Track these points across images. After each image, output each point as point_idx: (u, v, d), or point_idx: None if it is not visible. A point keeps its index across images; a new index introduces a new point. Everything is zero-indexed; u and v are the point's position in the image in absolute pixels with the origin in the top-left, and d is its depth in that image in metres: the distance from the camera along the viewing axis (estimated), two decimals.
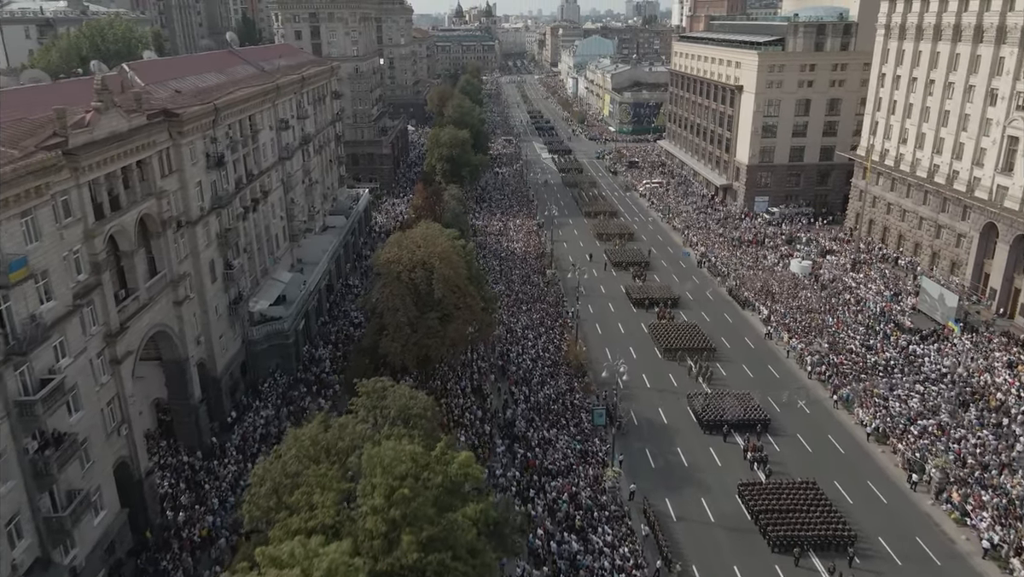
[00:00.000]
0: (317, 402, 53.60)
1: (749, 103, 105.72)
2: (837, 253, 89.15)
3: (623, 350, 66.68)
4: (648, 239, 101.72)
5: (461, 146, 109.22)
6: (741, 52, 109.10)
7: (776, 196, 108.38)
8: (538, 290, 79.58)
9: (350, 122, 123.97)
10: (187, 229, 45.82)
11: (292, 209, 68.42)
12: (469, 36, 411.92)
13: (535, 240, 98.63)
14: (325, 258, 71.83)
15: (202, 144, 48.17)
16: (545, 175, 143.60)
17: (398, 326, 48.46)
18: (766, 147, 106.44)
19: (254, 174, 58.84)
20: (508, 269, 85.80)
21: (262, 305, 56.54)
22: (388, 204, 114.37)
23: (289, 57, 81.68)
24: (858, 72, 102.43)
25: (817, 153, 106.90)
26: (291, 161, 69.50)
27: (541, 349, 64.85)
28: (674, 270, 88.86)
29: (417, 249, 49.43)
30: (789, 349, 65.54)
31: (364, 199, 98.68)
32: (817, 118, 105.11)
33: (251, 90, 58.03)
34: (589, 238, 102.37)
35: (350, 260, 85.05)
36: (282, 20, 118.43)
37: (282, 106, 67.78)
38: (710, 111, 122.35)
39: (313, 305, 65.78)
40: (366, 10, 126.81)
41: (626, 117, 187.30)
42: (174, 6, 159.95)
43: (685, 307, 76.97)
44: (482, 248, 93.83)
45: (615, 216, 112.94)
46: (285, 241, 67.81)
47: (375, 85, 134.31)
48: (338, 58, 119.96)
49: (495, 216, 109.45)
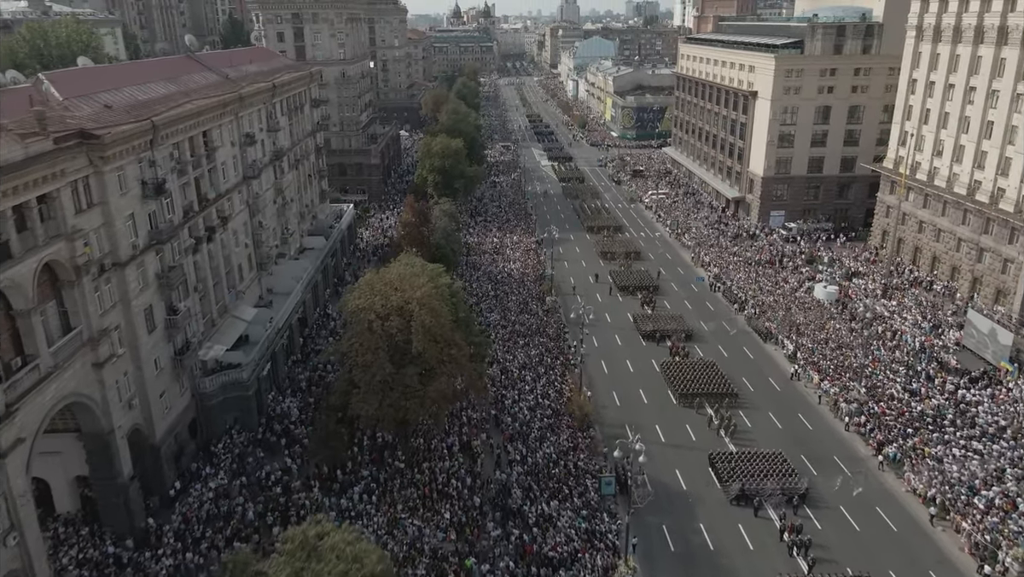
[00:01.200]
0: (283, 462, 46.05)
1: (764, 110, 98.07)
2: (864, 276, 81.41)
3: (633, 394, 59.04)
4: (656, 258, 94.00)
5: (454, 156, 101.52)
6: (755, 55, 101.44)
7: (793, 210, 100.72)
8: (537, 320, 71.86)
9: (336, 130, 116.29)
10: (114, 273, 38.11)
11: (260, 234, 60.71)
12: (467, 37, 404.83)
13: (534, 259, 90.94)
14: (299, 287, 64.12)
15: (136, 169, 40.45)
16: (544, 185, 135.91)
17: (370, 385, 40.78)
18: (782, 158, 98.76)
19: (209, 198, 51.12)
20: (504, 295, 78.07)
21: (217, 351, 48.82)
22: (377, 218, 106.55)
23: (262, 61, 73.99)
24: (882, 77, 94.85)
25: (837, 164, 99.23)
26: (259, 180, 61.81)
27: (540, 395, 57.11)
28: (686, 295, 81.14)
29: (393, 293, 41.68)
30: (820, 393, 57.81)
31: (348, 215, 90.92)
32: (838, 126, 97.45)
33: (206, 102, 50.32)
34: (592, 257, 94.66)
35: (330, 285, 77.27)
36: (263, 21, 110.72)
37: (248, 118, 60.08)
38: (720, 118, 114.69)
39: (282, 344, 58.07)
40: (354, 10, 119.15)
41: (629, 122, 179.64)
42: (154, 6, 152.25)
43: (700, 340, 69.23)
44: (475, 269, 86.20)
45: (620, 231, 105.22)
46: (251, 271, 60.10)
47: (364, 90, 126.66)
48: (323, 62, 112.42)
49: (490, 232, 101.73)
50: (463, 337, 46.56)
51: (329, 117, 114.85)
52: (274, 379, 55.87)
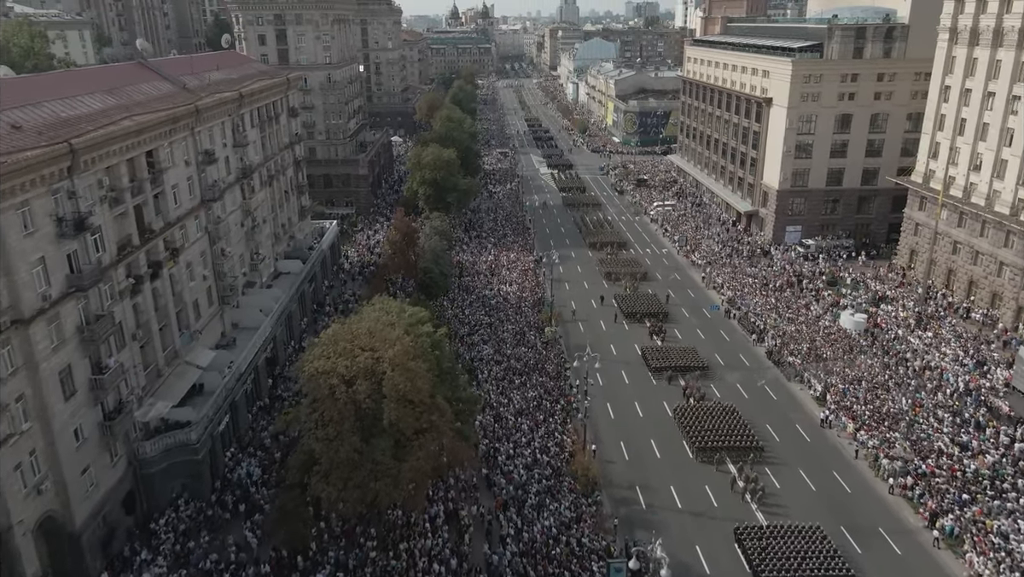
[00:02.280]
0: (240, 536, 39.10)
1: (780, 118, 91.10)
2: (893, 301, 74.43)
3: (643, 445, 52.05)
4: (663, 278, 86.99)
5: (446, 168, 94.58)
6: (770, 59, 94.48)
7: (810, 226, 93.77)
8: (535, 354, 64.85)
9: (322, 138, 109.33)
10: (15, 333, 31.12)
11: (222, 264, 53.69)
12: (465, 38, 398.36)
13: (532, 280, 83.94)
14: (268, 321, 57.14)
15: (48, 203, 33.49)
16: (544, 195, 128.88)
17: (333, 461, 33.78)
18: (799, 169, 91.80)
19: (154, 229, 44.11)
20: (498, 324, 71.06)
21: (160, 409, 41.81)
22: (364, 235, 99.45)
23: (231, 68, 67.03)
24: (907, 83, 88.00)
25: (858, 176, 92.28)
26: (221, 202, 54.83)
27: (538, 448, 50.09)
28: (698, 322, 74.13)
29: (360, 352, 34.63)
30: (857, 446, 50.77)
31: (331, 233, 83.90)
32: (859, 136, 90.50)
33: (150, 117, 43.35)
34: (595, 277, 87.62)
35: (307, 314, 70.23)
36: (243, 22, 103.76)
37: (208, 133, 53.09)
38: (731, 126, 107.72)
39: (245, 391, 51.07)
40: (341, 11, 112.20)
41: (631, 127, 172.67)
42: (135, 7, 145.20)
43: (717, 377, 62.21)
44: (468, 293, 79.21)
45: (624, 247, 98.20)
46: (211, 305, 53.10)
47: (353, 95, 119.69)
48: (308, 66, 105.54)
49: (486, 249, 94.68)
50: (448, 393, 39.61)
51: (314, 125, 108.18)
52: (234, 433, 48.86)
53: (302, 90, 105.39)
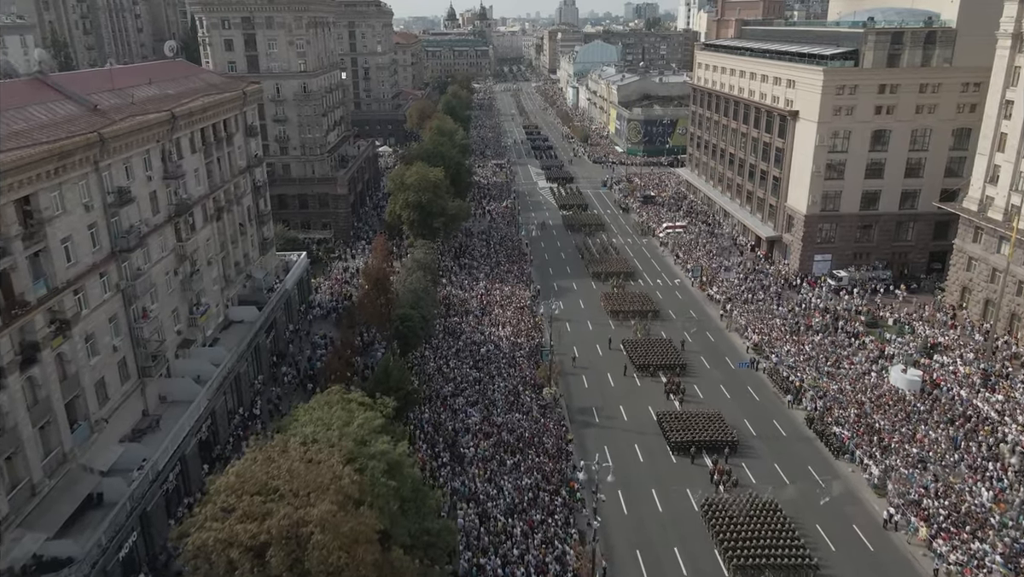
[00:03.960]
0: None
1: (808, 134, 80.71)
2: (948, 351, 64.04)
3: (666, 557, 41.56)
4: (678, 316, 76.53)
5: (433, 190, 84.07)
6: (796, 67, 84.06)
7: (842, 255, 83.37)
8: (531, 423, 54.34)
9: (297, 154, 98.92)
10: None
11: (142, 328, 43.18)
12: (461, 41, 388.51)
13: (528, 320, 73.45)
14: (205, 392, 46.68)
15: None
16: (542, 213, 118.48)
17: None
18: (830, 192, 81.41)
19: (28, 302, 33.60)
20: (488, 380, 60.60)
21: (27, 547, 31.29)
22: (340, 264, 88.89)
23: (171, 81, 56.56)
24: (954, 94, 77.75)
25: (896, 199, 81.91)
26: (143, 250, 44.42)
27: (534, 568, 39.58)
28: (721, 375, 63.71)
29: (276, 505, 24.15)
30: (937, 563, 40.26)
31: (299, 267, 73.50)
32: (898, 154, 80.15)
33: (21, 154, 32.86)
34: (600, 314, 77.15)
35: (263, 371, 59.75)
36: (207, 26, 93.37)
37: (122, 167, 42.66)
38: (749, 140, 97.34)
39: (165, 492, 40.61)
40: (318, 13, 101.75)
41: (636, 136, 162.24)
42: (101, 8, 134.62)
43: (749, 455, 51.73)
44: (455, 337, 68.81)
45: (632, 278, 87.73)
46: (127, 381, 42.64)
47: (333, 105, 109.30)
48: (280, 74, 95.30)
49: (478, 281, 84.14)
50: (412, 526, 29.18)
51: (288, 139, 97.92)
52: (147, 552, 38.36)
53: (274, 101, 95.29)
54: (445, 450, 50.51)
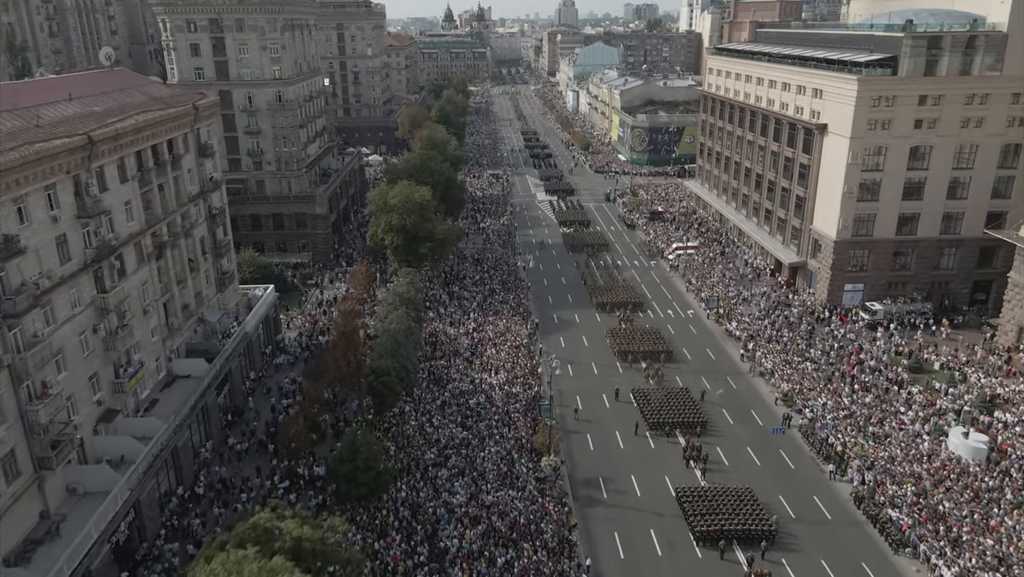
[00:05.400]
0: None
1: (838, 150, 72.09)
2: (1009, 405, 55.36)
3: None
4: (693, 357, 67.86)
5: (419, 212, 75.32)
6: (825, 76, 75.32)
7: (875, 284, 74.74)
8: (526, 505, 45.50)
9: (272, 169, 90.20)
10: None
11: (36, 412, 34.36)
12: (458, 43, 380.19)
13: (525, 362, 64.74)
14: (123, 481, 37.92)
15: None
16: (541, 230, 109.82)
17: None
18: (863, 214, 72.79)
19: None
20: (477, 445, 51.82)
21: None
22: (317, 293, 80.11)
23: (100, 96, 47.79)
24: (1003, 106, 69.25)
25: (937, 223, 73.31)
26: (43, 310, 35.72)
27: None
28: (748, 435, 54.99)
29: None
30: None
31: (265, 303, 64.78)
32: (940, 173, 71.54)
33: None
34: (606, 354, 68.41)
35: (212, 435, 50.94)
36: (171, 29, 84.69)
37: (8, 209, 33.91)
38: (768, 154, 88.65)
39: None
40: (296, 15, 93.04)
41: (640, 145, 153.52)
42: (69, 9, 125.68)
43: (789, 546, 43.01)
44: (440, 386, 60.18)
45: (640, 308, 78.95)
46: (15, 480, 33.89)
47: (315, 114, 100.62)
48: (253, 82, 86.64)
49: (469, 314, 75.38)
50: None
51: (262, 153, 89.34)
52: None
53: (246, 111, 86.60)
54: (424, 542, 41.85)
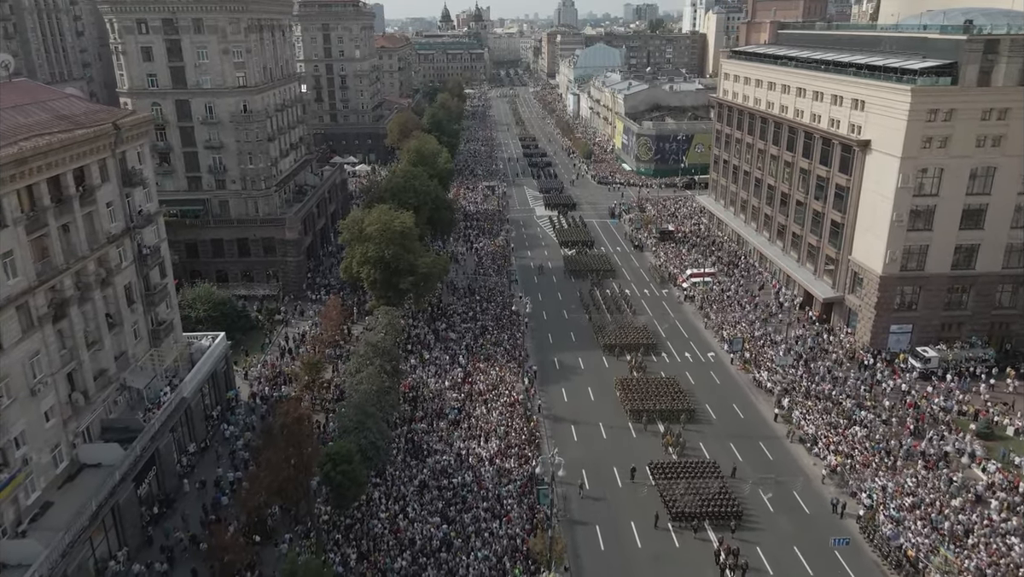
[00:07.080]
0: None
1: (885, 171, 62.08)
2: None
3: None
4: (719, 416, 57.71)
5: (400, 241, 65.24)
6: (869, 84, 65.20)
7: (926, 325, 64.72)
8: None
9: (236, 188, 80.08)
10: None
11: None
12: (455, 44, 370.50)
13: (520, 427, 54.58)
14: None
15: None
16: (540, 251, 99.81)
17: None
18: (914, 246, 62.78)
19: None
20: (461, 547, 41.69)
21: None
22: (283, 334, 69.99)
23: None
24: None
25: (1000, 256, 63.32)
26: None
27: None
28: (795, 526, 44.90)
29: None
30: None
31: (212, 356, 54.63)
32: (1004, 197, 61.55)
33: None
34: (615, 413, 58.18)
35: (127, 540, 40.71)
36: (119, 31, 74.55)
37: None
38: (796, 172, 78.58)
39: None
40: (264, 15, 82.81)
41: (646, 154, 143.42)
42: (28, 9, 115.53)
43: None
44: (419, 459, 50.06)
45: (654, 352, 68.83)
46: None
47: (289, 124, 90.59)
48: (214, 90, 76.54)
49: (455, 359, 65.27)
50: None
51: (225, 171, 79.14)
52: None
53: (205, 123, 76.50)
54: None
